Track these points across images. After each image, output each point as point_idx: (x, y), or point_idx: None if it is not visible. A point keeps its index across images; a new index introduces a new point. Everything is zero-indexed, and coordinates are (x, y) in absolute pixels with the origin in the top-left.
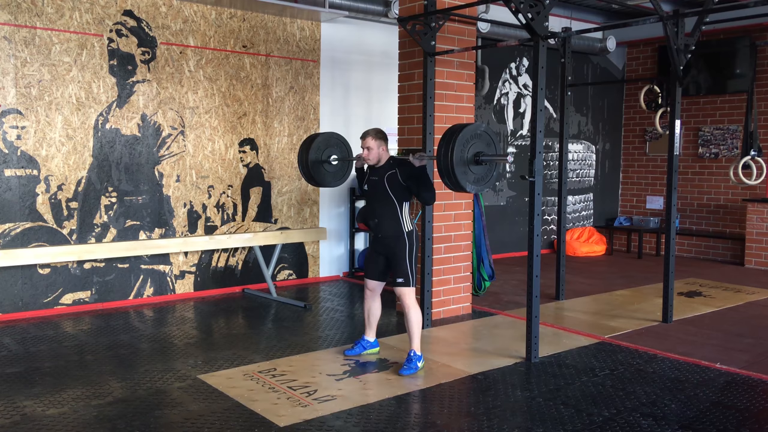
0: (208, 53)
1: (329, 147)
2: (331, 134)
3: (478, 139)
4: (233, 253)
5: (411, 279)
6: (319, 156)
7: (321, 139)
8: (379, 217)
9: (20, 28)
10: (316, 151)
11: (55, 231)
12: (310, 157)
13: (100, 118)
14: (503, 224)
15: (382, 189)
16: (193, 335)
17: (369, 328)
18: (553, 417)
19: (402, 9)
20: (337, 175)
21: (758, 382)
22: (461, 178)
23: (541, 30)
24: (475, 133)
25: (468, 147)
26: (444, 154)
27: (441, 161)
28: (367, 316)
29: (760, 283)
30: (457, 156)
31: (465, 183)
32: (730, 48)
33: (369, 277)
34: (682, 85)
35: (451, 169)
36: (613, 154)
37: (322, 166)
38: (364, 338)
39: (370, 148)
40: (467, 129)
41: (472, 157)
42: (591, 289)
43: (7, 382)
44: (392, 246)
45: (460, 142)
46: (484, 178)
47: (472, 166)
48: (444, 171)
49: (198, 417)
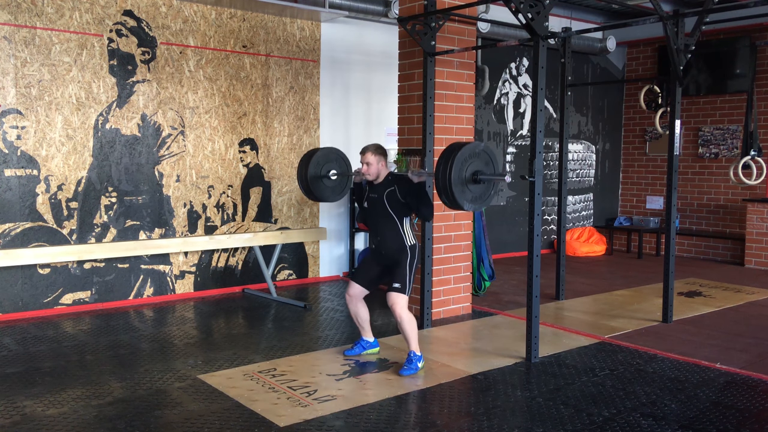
0: (208, 53)
1: (328, 162)
2: (330, 149)
3: (476, 158)
4: (233, 253)
5: (407, 287)
6: (319, 171)
7: (320, 154)
8: (382, 235)
9: (20, 28)
10: (315, 166)
11: (55, 231)
12: (309, 173)
13: (100, 118)
14: (503, 224)
15: (382, 206)
16: (193, 335)
17: (363, 329)
18: (553, 417)
19: (402, 9)
20: (336, 189)
21: (758, 382)
22: (459, 196)
23: (541, 30)
24: (473, 152)
25: (466, 166)
26: (442, 172)
27: (439, 180)
28: (356, 320)
29: (760, 283)
30: (456, 175)
31: (462, 201)
32: (730, 48)
33: (356, 281)
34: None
35: (449, 187)
36: (613, 154)
37: (321, 181)
38: (363, 339)
39: (369, 163)
40: (466, 148)
41: (470, 176)
42: (591, 289)
43: (7, 382)
44: (395, 258)
45: (459, 160)
46: (482, 197)
47: (470, 185)
48: (442, 189)
49: (198, 417)
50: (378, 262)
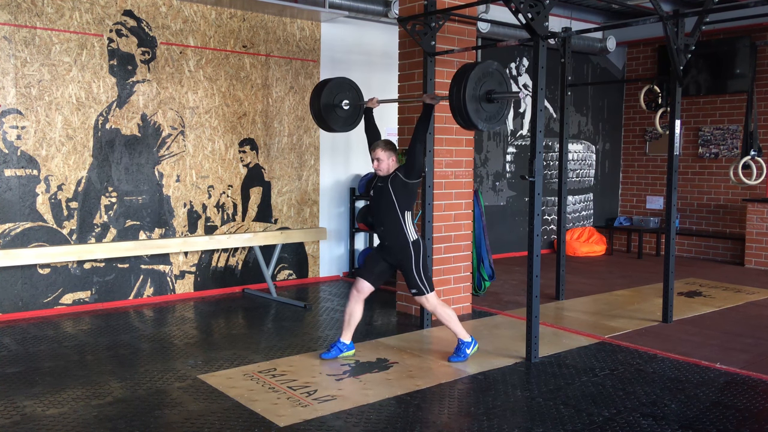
0: (208, 53)
1: (341, 91)
2: (342, 79)
3: (489, 78)
4: (233, 253)
5: (424, 287)
6: (331, 100)
7: (334, 83)
8: (384, 225)
9: (20, 28)
10: (327, 95)
11: (55, 231)
12: (322, 101)
13: (100, 118)
14: (503, 224)
15: (387, 194)
16: (193, 335)
17: (347, 330)
18: (553, 417)
19: (402, 9)
20: (348, 120)
21: (758, 382)
22: (473, 115)
23: (541, 30)
24: (486, 71)
25: (480, 85)
26: (456, 92)
27: (453, 99)
28: (348, 318)
29: (760, 283)
30: (470, 93)
31: (477, 121)
32: (730, 48)
33: (363, 277)
34: (682, 85)
35: (464, 106)
36: (613, 154)
37: (334, 110)
38: (340, 341)
39: (380, 159)
40: (479, 67)
41: (484, 94)
42: (591, 289)
43: (7, 382)
44: (399, 257)
45: (472, 80)
46: (496, 116)
47: (483, 104)
48: (456, 109)
49: (198, 417)
50: (383, 257)
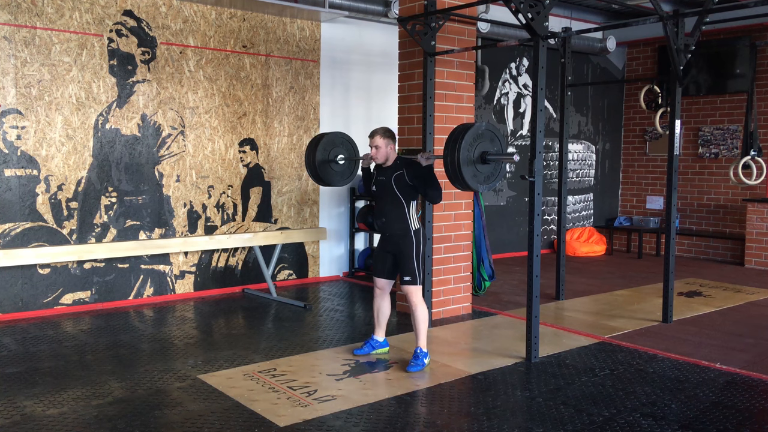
0: (208, 53)
1: (336, 147)
2: (336, 134)
3: (482, 139)
4: (233, 253)
5: (418, 277)
6: (326, 156)
7: (327, 139)
8: (387, 216)
9: (20, 28)
10: (322, 151)
11: (55, 231)
12: (317, 158)
13: (100, 118)
14: (503, 224)
15: (390, 189)
16: (193, 335)
17: (378, 327)
18: (553, 417)
19: (402, 9)
20: (344, 174)
21: (758, 382)
22: (470, 180)
23: (541, 30)
24: (477, 134)
25: (474, 148)
26: (451, 161)
27: (449, 168)
28: (377, 315)
29: (760, 283)
30: (464, 158)
31: (476, 185)
32: (730, 48)
33: (378, 276)
34: (682, 85)
35: (459, 171)
36: (613, 154)
37: (329, 165)
38: (374, 338)
39: (378, 146)
40: (470, 131)
41: (478, 156)
42: (591, 289)
43: (7, 382)
44: (400, 244)
45: (466, 143)
46: (493, 174)
47: (479, 166)
48: (453, 177)
49: (198, 417)
50: (386, 250)
